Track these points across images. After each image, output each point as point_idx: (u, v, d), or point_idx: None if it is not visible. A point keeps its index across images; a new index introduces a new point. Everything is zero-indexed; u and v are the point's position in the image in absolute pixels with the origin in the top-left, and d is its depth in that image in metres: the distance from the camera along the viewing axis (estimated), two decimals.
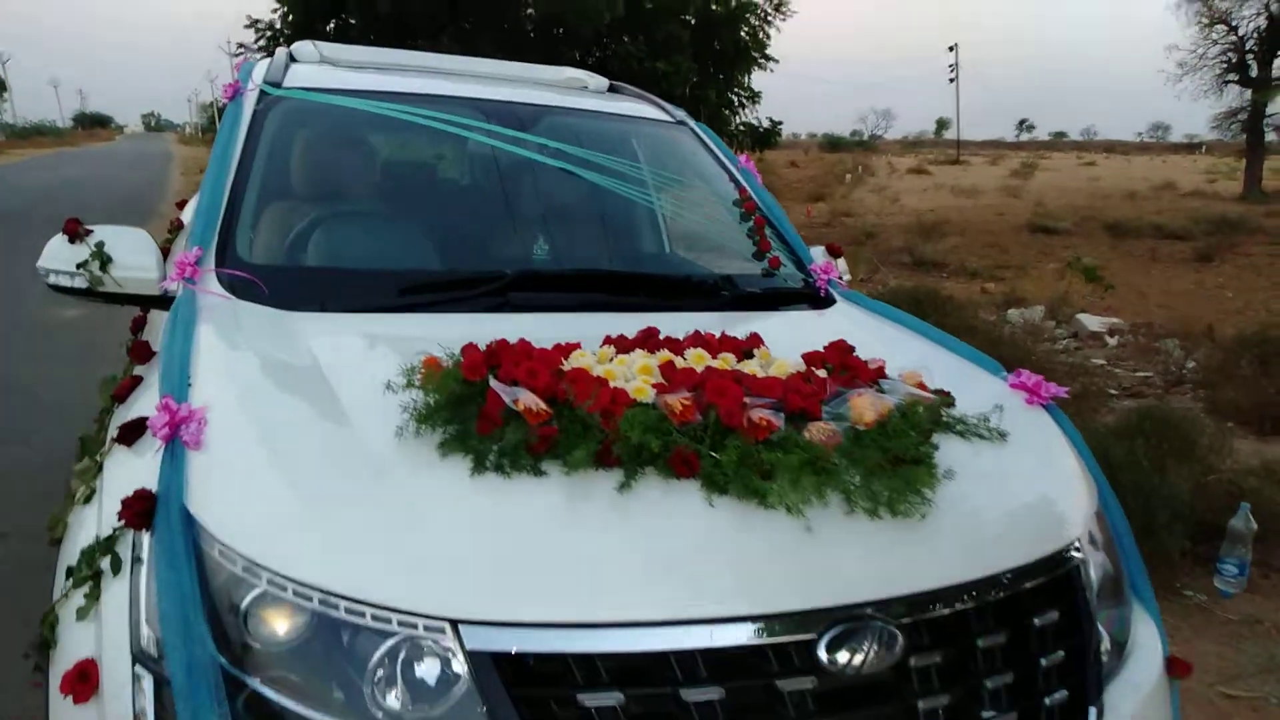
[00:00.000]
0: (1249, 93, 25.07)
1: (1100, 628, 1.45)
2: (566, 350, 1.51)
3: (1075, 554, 1.44)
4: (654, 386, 1.38)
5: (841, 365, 1.57)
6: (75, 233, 1.95)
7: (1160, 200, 23.15)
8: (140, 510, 1.24)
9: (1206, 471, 3.72)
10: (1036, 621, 1.34)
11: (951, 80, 53.78)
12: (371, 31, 12.70)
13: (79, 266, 1.92)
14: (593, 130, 2.74)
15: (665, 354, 1.52)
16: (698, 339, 1.64)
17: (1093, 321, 8.63)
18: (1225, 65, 25.52)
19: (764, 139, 14.32)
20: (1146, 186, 27.46)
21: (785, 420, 1.34)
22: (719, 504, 1.24)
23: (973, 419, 1.57)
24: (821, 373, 1.54)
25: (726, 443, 1.29)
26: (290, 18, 13.69)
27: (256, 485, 1.25)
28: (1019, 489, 1.51)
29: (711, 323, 1.93)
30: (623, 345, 1.58)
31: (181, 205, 3.86)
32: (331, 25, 13.62)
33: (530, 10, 12.76)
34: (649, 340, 1.60)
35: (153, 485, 1.26)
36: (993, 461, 1.49)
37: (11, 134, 56.86)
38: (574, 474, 1.25)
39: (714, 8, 12.94)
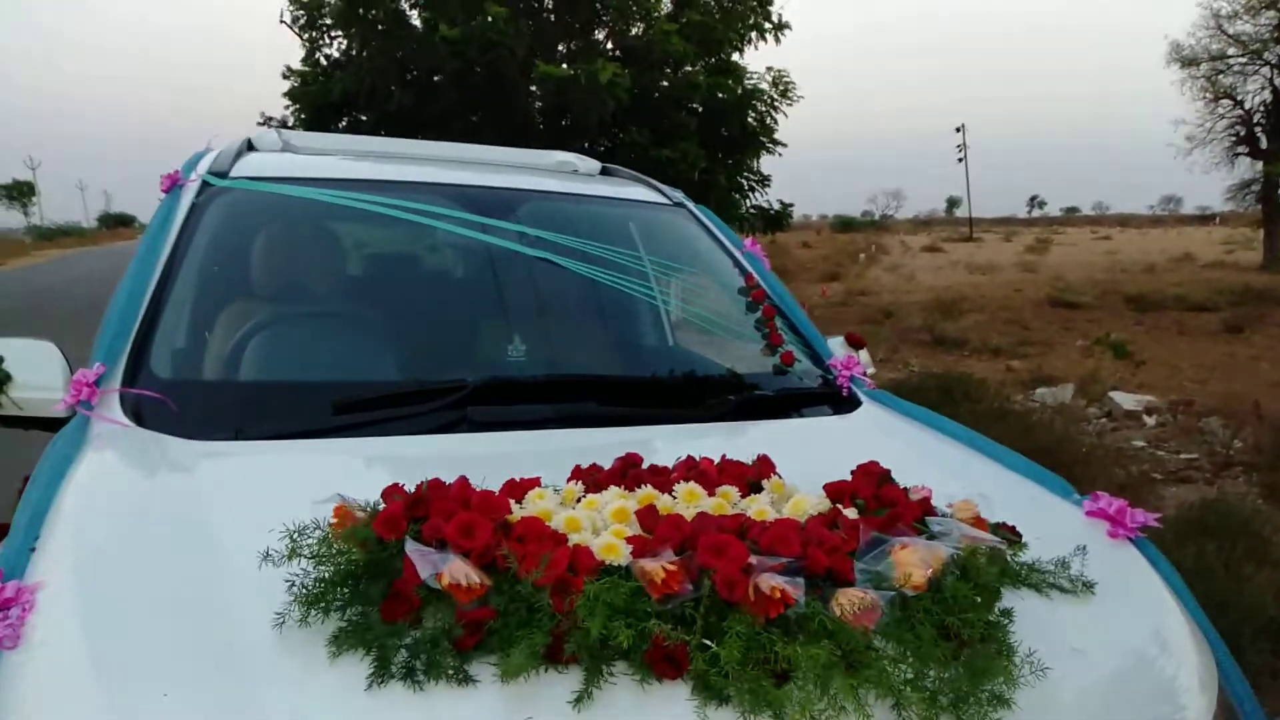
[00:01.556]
0: (1261, 164, 24.97)
1: None
2: (521, 490, 1.17)
3: None
4: (630, 541, 1.04)
5: (876, 499, 1.22)
6: None
7: (1180, 272, 22.84)
8: None
9: None
10: None
11: (960, 160, 54.28)
12: (383, 127, 12.77)
13: None
14: (580, 215, 2.46)
15: (648, 491, 1.18)
16: (690, 468, 1.28)
17: (1126, 400, 8.22)
18: (1234, 138, 25.49)
19: (775, 221, 14.18)
20: (1164, 258, 27.21)
21: (805, 587, 0.98)
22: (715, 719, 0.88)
23: (1047, 565, 1.21)
24: (851, 511, 1.18)
25: (726, 625, 0.94)
26: (302, 115, 13.84)
27: (77, 709, 0.91)
28: (1122, 671, 1.14)
29: (714, 435, 1.60)
30: (595, 480, 1.24)
31: None
32: (344, 122, 13.74)
33: (539, 103, 12.82)
34: (628, 471, 1.25)
35: None
36: (1081, 628, 1.12)
37: (39, 235, 58.24)
38: (512, 682, 0.90)
39: (720, 95, 12.97)
